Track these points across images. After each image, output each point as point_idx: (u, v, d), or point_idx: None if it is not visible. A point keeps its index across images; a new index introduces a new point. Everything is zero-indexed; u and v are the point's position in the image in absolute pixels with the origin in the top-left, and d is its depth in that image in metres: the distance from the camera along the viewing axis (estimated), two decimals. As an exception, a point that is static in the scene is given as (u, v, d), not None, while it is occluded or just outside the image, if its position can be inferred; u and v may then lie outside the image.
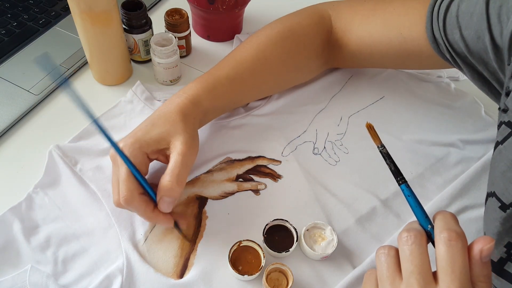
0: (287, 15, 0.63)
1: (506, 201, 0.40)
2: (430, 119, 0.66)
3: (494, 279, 0.43)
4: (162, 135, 0.49)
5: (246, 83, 0.59)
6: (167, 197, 0.47)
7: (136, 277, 0.48)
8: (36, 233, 0.51)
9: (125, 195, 0.46)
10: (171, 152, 0.49)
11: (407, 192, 0.39)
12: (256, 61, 0.59)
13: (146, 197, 0.48)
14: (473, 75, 0.52)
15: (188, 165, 0.49)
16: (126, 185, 0.46)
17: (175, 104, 0.52)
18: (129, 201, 0.46)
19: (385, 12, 0.58)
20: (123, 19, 0.64)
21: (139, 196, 0.47)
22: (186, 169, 0.48)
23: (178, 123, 0.50)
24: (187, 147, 0.49)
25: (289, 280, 0.48)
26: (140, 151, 0.48)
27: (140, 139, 0.49)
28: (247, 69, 0.58)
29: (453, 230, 0.33)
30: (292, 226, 0.52)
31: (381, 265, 0.36)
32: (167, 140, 0.49)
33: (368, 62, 0.65)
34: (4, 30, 0.71)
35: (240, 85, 0.58)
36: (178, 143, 0.49)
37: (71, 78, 0.68)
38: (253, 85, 0.60)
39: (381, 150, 0.41)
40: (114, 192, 0.49)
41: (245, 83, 0.59)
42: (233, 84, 0.57)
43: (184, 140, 0.49)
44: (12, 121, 0.61)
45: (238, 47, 0.61)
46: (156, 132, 0.49)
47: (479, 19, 0.46)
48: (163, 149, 0.50)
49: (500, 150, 0.42)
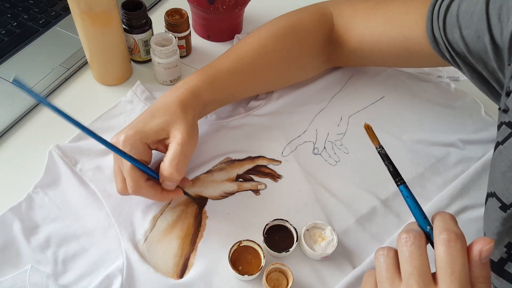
0: (289, 12, 0.63)
1: (507, 201, 0.40)
2: (430, 119, 0.66)
3: (494, 279, 0.43)
4: (161, 125, 0.50)
5: (246, 77, 0.59)
6: (168, 182, 0.49)
7: (136, 277, 0.48)
8: (36, 233, 0.51)
9: (132, 186, 0.48)
10: (170, 141, 0.50)
11: (405, 193, 0.39)
12: (257, 56, 0.59)
13: (152, 181, 0.50)
14: (472, 74, 0.52)
15: (187, 154, 0.50)
16: (131, 176, 0.48)
17: (175, 95, 0.52)
18: (137, 191, 0.49)
19: (386, 11, 0.58)
20: (123, 19, 0.64)
21: (145, 183, 0.49)
22: (185, 158, 0.50)
23: (177, 113, 0.50)
24: (187, 136, 0.49)
25: (289, 280, 0.48)
26: (141, 142, 0.49)
27: (140, 130, 0.49)
28: (247, 63, 0.58)
29: (452, 231, 0.33)
30: (292, 226, 0.52)
31: (380, 266, 0.36)
32: (167, 130, 0.50)
33: (369, 60, 0.65)
34: (4, 30, 0.71)
35: (240, 79, 0.58)
36: (178, 133, 0.49)
37: (71, 78, 0.68)
38: (253, 80, 0.60)
39: (379, 151, 0.41)
40: (117, 181, 0.50)
41: (246, 77, 0.59)
42: (233, 77, 0.57)
43: (184, 130, 0.49)
44: (12, 121, 0.61)
45: (240, 42, 0.61)
46: (155, 123, 0.50)
47: (479, 18, 0.46)
48: (162, 139, 0.50)
49: (501, 150, 0.42)
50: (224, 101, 0.60)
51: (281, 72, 0.63)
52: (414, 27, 0.55)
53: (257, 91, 0.64)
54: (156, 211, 0.54)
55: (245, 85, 0.60)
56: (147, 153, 0.51)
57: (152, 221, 0.53)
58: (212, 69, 0.57)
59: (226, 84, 0.57)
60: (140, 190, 0.49)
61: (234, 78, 0.57)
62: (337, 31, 0.62)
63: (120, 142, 0.48)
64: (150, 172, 0.50)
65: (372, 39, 0.59)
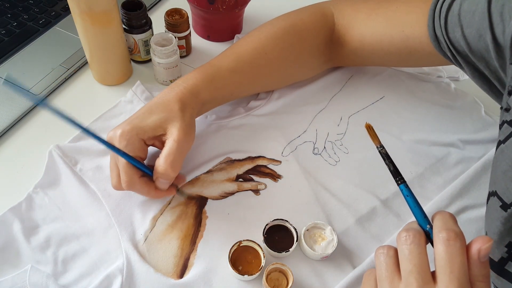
0: (289, 12, 0.63)
1: (507, 200, 0.40)
2: (430, 119, 0.66)
3: (495, 278, 0.43)
4: (158, 122, 0.50)
5: (246, 76, 0.59)
6: (162, 179, 0.49)
7: (136, 277, 0.48)
8: (36, 233, 0.51)
9: (126, 182, 0.49)
10: (167, 138, 0.50)
11: (405, 192, 0.39)
12: (256, 55, 0.59)
13: (146, 178, 0.51)
14: (473, 73, 0.52)
15: (183, 152, 0.50)
16: (125, 172, 0.49)
17: (173, 93, 0.52)
18: (131, 187, 0.49)
19: (387, 10, 0.58)
20: (123, 19, 0.64)
21: (139, 179, 0.49)
22: (181, 155, 0.50)
23: (175, 111, 0.50)
24: (183, 134, 0.49)
25: (289, 280, 0.48)
26: (137, 137, 0.49)
27: (137, 126, 0.49)
28: (247, 62, 0.58)
29: (452, 230, 0.33)
30: (292, 226, 0.52)
31: (380, 265, 0.36)
32: (164, 127, 0.50)
33: (370, 60, 0.65)
34: (4, 30, 0.71)
35: (240, 78, 0.58)
36: (174, 130, 0.49)
37: (71, 78, 0.68)
38: (253, 79, 0.60)
39: (380, 151, 0.41)
40: (112, 175, 0.51)
41: (245, 76, 0.59)
42: (232, 76, 0.57)
43: (181, 127, 0.50)
44: (12, 121, 0.61)
45: (239, 40, 0.61)
46: (153, 119, 0.50)
47: (481, 17, 0.46)
48: (159, 136, 0.51)
49: (502, 149, 0.42)
50: (223, 100, 0.60)
51: (281, 72, 0.63)
52: (415, 26, 0.55)
53: (257, 90, 0.64)
54: (156, 211, 0.54)
55: (244, 84, 0.60)
56: (143, 149, 0.51)
57: (152, 221, 0.53)
58: (212, 67, 0.57)
59: (225, 83, 0.57)
60: (134, 185, 0.49)
61: (233, 77, 0.57)
62: (338, 31, 0.62)
63: (117, 137, 0.49)
64: (144, 169, 0.50)
65: (373, 38, 0.59)
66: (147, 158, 0.53)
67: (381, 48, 0.59)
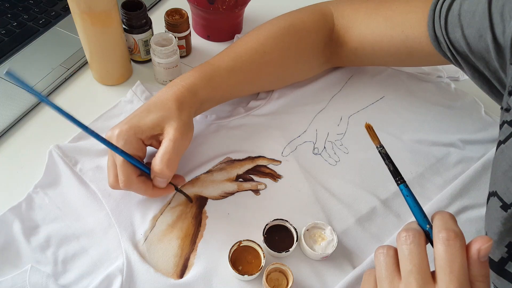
0: (289, 12, 0.63)
1: (508, 200, 0.40)
2: (430, 119, 0.66)
3: (495, 278, 0.43)
4: (156, 121, 0.50)
5: (244, 76, 0.59)
6: (159, 178, 0.49)
7: (136, 277, 0.48)
8: (36, 233, 0.51)
9: (123, 181, 0.48)
10: (163, 137, 0.50)
11: (405, 192, 0.39)
12: (255, 54, 0.59)
13: (143, 177, 0.50)
14: (473, 74, 0.51)
15: (179, 151, 0.50)
16: (123, 171, 0.48)
17: (171, 92, 0.52)
18: (128, 186, 0.49)
19: (387, 10, 0.58)
20: (123, 19, 0.64)
21: (136, 179, 0.49)
22: (177, 154, 0.50)
23: (173, 110, 0.50)
24: (180, 133, 0.49)
25: (289, 280, 0.48)
26: (135, 137, 0.49)
27: (135, 125, 0.49)
28: (246, 62, 0.58)
29: (452, 230, 0.33)
30: (292, 226, 0.52)
31: (380, 265, 0.36)
32: (161, 126, 0.50)
33: (369, 60, 0.65)
34: (4, 30, 0.71)
35: (238, 77, 0.58)
36: (171, 129, 0.49)
37: (71, 78, 0.68)
38: (252, 78, 0.60)
39: (380, 151, 0.41)
40: (109, 174, 0.51)
41: (244, 76, 0.59)
42: (231, 75, 0.57)
43: (178, 127, 0.50)
44: (12, 121, 0.61)
45: (239, 40, 0.61)
46: (150, 118, 0.50)
47: (481, 17, 0.46)
48: (157, 135, 0.51)
49: (502, 149, 0.42)
50: (222, 99, 0.59)
51: (280, 72, 0.63)
52: (415, 26, 0.55)
53: (256, 90, 0.64)
54: (156, 211, 0.54)
55: (243, 84, 0.60)
56: (141, 148, 0.51)
57: (152, 221, 0.53)
58: (210, 66, 0.57)
59: (223, 82, 0.57)
60: (131, 185, 0.49)
61: (232, 76, 0.57)
62: (338, 31, 0.62)
63: (115, 136, 0.49)
64: (142, 167, 0.50)
65: (373, 38, 0.59)
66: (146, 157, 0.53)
67: (381, 48, 0.59)
